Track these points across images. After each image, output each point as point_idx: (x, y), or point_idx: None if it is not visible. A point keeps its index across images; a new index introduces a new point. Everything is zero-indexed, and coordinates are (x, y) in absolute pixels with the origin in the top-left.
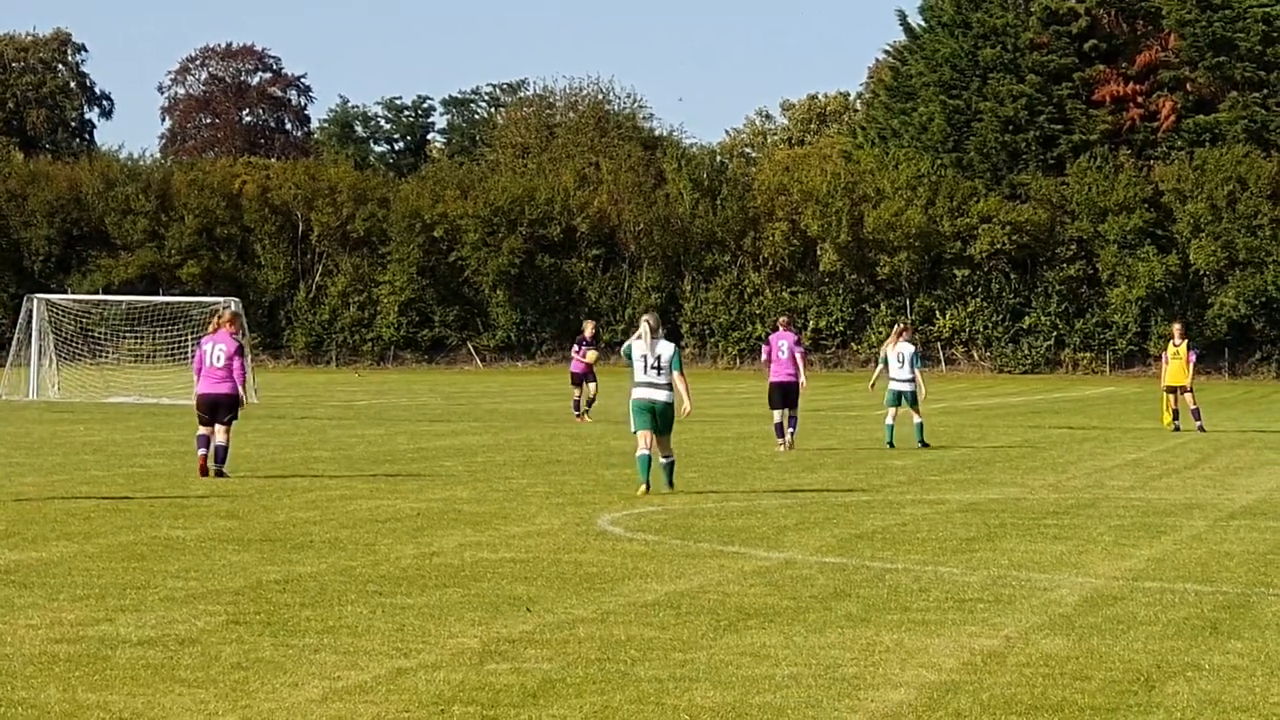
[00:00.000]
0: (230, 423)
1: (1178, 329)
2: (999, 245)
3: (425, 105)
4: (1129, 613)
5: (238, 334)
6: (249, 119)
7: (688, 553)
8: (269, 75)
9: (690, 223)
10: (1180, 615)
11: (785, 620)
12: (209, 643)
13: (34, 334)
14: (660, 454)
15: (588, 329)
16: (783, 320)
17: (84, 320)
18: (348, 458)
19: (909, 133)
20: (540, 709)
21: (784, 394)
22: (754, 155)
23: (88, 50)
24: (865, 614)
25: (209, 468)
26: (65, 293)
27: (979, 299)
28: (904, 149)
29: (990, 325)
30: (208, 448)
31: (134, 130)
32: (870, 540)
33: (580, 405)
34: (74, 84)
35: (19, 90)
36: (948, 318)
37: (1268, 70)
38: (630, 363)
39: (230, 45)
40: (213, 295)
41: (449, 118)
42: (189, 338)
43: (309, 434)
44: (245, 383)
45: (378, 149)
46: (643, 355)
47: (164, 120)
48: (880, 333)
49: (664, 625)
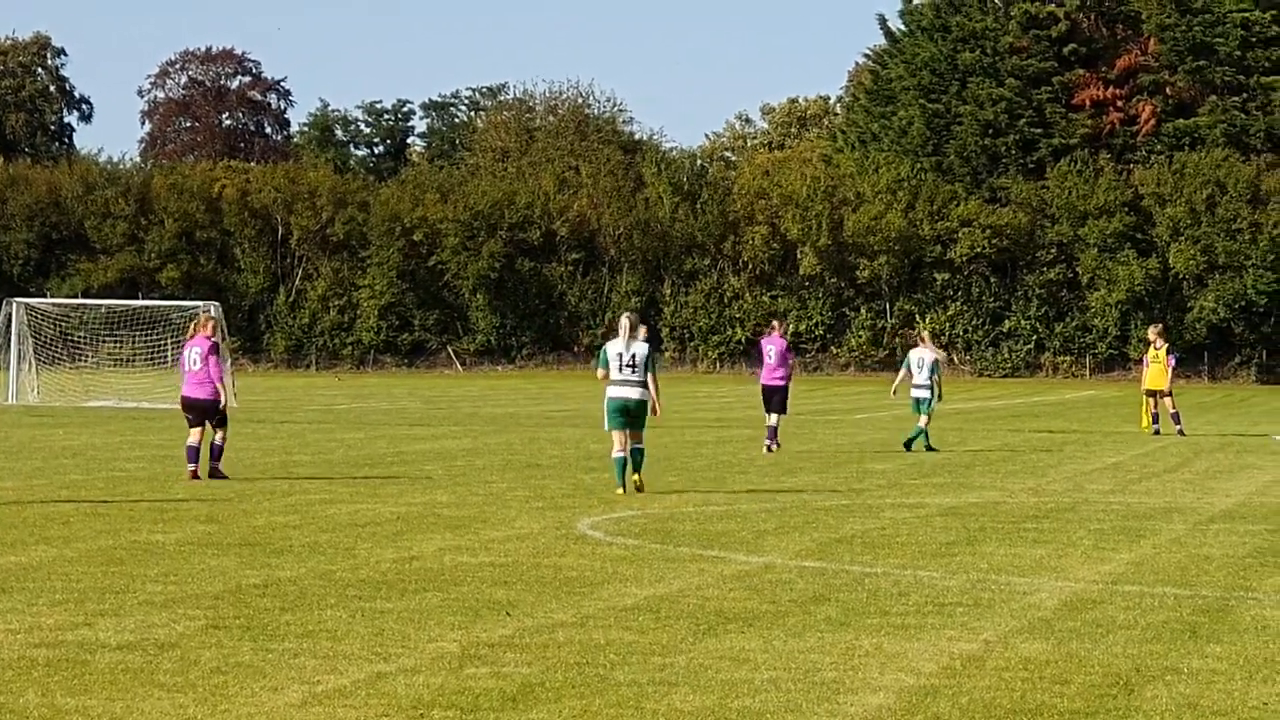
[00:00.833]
0: (221, 424)
1: (1156, 332)
2: (979, 249)
3: (405, 109)
4: (1108, 616)
5: (213, 335)
6: (229, 123)
7: (667, 557)
8: (248, 79)
9: (670, 226)
10: (1159, 619)
11: (765, 624)
12: (188, 647)
13: (13, 338)
14: (630, 442)
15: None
16: (774, 324)
17: (63, 324)
18: (327, 462)
19: (889, 136)
20: (520, 713)
21: (771, 397)
22: (734, 159)
23: (67, 54)
24: (844, 618)
25: (199, 476)
26: (44, 296)
27: (959, 303)
28: (884, 153)
29: (970, 329)
30: (196, 461)
31: (113, 134)
32: (850, 544)
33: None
34: (53, 88)
35: None
36: (928, 321)
37: (1247, 75)
38: (604, 367)
39: (210, 49)
40: (192, 299)
41: (429, 121)
42: (169, 342)
43: (288, 438)
44: (223, 381)
45: (357, 153)
46: (618, 354)
47: (143, 124)
48: (860, 336)
49: (643, 629)
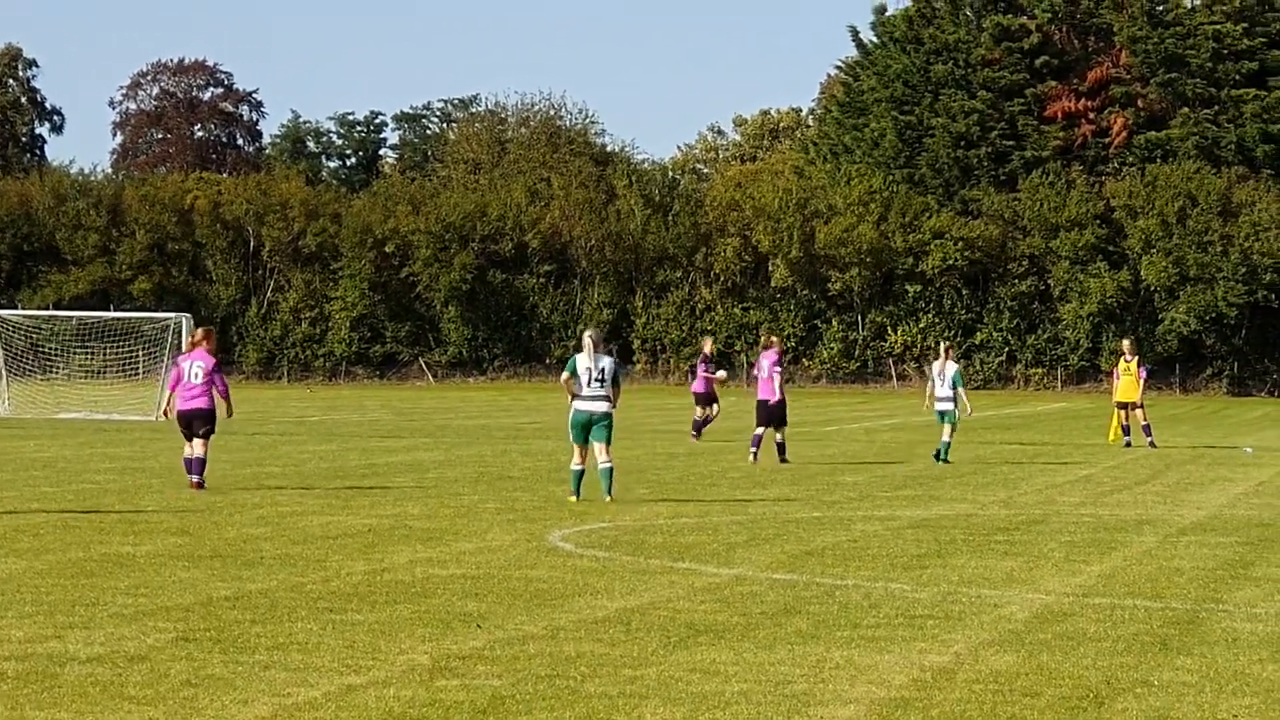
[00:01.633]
0: (207, 436)
1: (1128, 345)
2: (951, 261)
3: (377, 121)
4: (1079, 629)
5: (214, 350)
6: (200, 134)
7: (638, 569)
8: (220, 90)
9: (642, 239)
10: (1130, 631)
11: (735, 637)
12: (158, 660)
13: None
14: (599, 460)
15: (707, 345)
16: (773, 339)
17: (34, 336)
18: (299, 473)
19: (861, 148)
20: None
21: (766, 412)
22: (706, 171)
23: (39, 65)
24: (815, 630)
25: (204, 486)
26: (16, 308)
27: (931, 315)
28: (856, 165)
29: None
30: (200, 472)
31: (85, 145)
32: (820, 557)
33: (700, 424)
34: (25, 99)
35: None
36: (899, 333)
37: (1218, 87)
38: (574, 378)
39: (182, 60)
40: (164, 311)
41: (401, 133)
42: (140, 353)
43: (260, 450)
44: (228, 397)
45: (330, 164)
46: (587, 368)
47: (115, 135)
48: (832, 348)
49: (614, 641)
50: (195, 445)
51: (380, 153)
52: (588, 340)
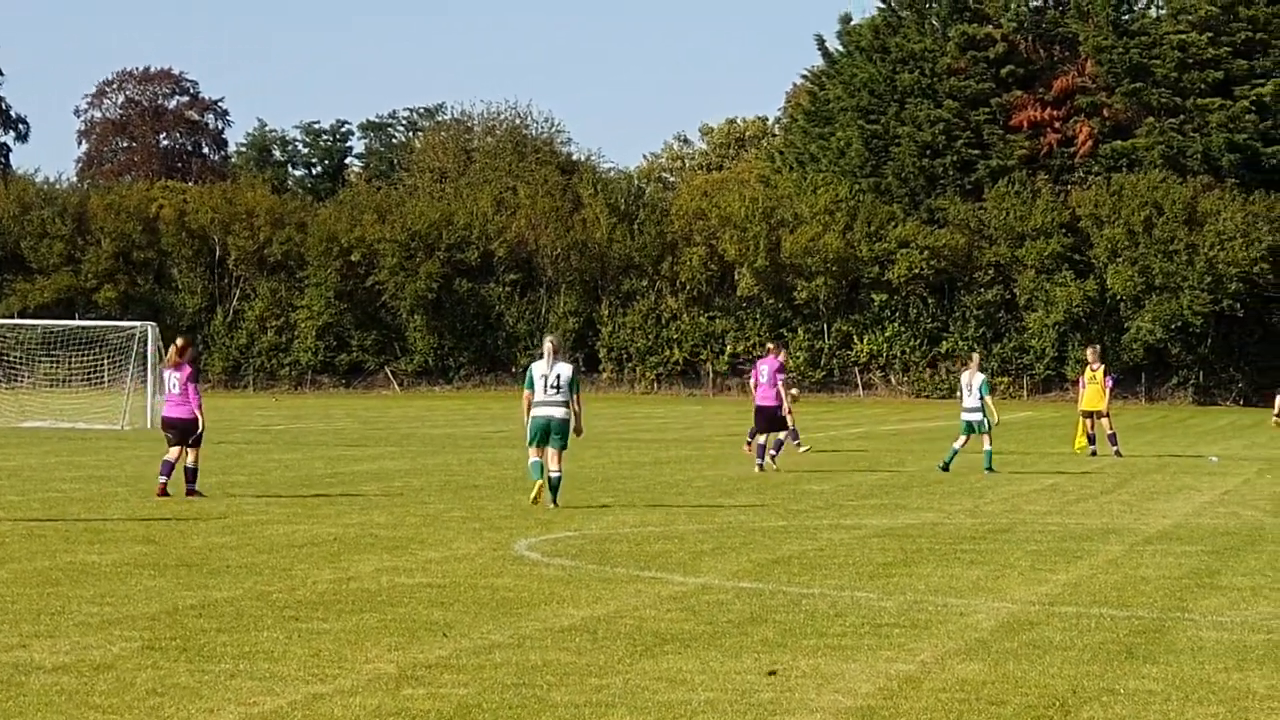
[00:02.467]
0: (195, 445)
1: (1093, 353)
2: (916, 270)
3: (343, 130)
4: (1045, 638)
5: (189, 361)
6: (166, 143)
7: (604, 578)
8: (186, 99)
9: (607, 247)
10: (1096, 640)
11: (701, 645)
12: (124, 669)
13: None
14: (549, 469)
15: (781, 355)
16: (770, 346)
17: None
18: (264, 482)
19: (827, 157)
20: None
21: (764, 418)
22: (672, 180)
23: (3, 74)
24: (781, 639)
25: (168, 492)
26: None
27: (896, 323)
28: (822, 174)
29: (908, 350)
30: (169, 475)
31: (50, 154)
32: (787, 565)
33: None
34: None
35: None
36: (865, 342)
37: (1183, 96)
38: (529, 388)
39: (147, 69)
40: (129, 319)
41: (367, 142)
42: (105, 362)
43: (226, 459)
44: (201, 407)
45: (295, 173)
46: (543, 375)
47: (80, 144)
48: (798, 357)
49: (580, 650)
50: (187, 455)
51: (346, 161)
52: (547, 346)
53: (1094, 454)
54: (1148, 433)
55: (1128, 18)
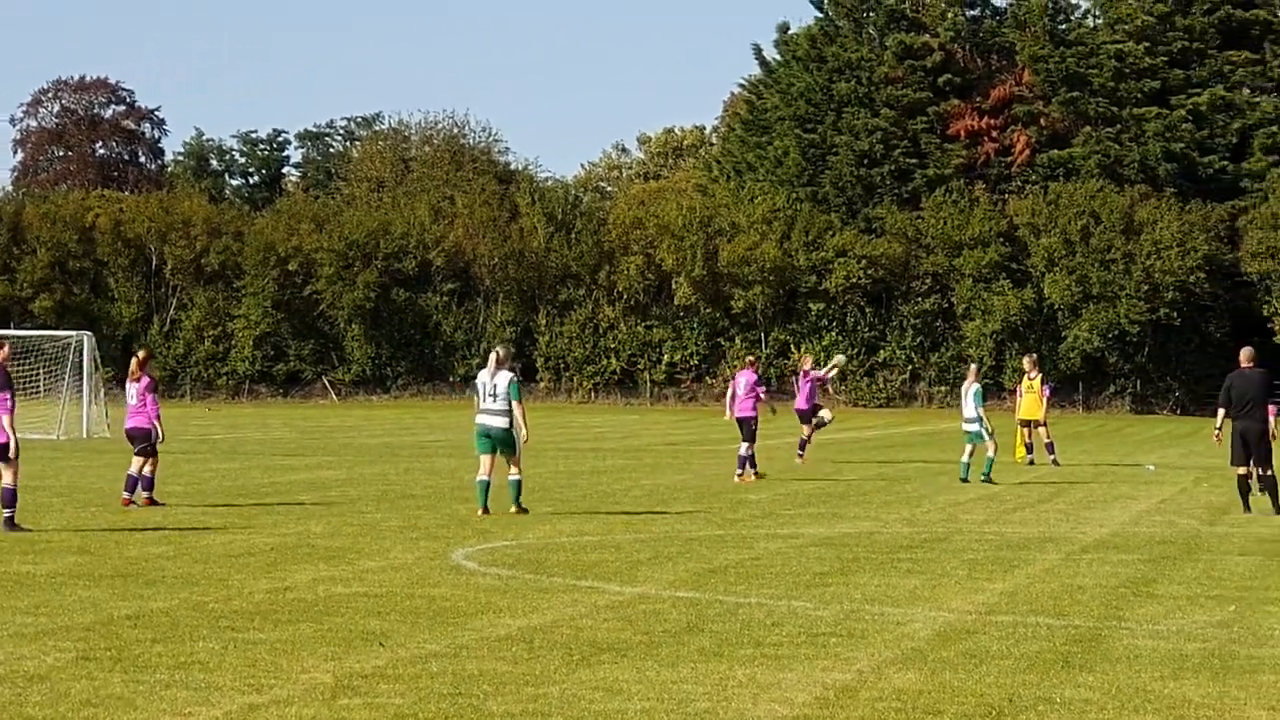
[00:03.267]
0: (147, 454)
1: (1030, 362)
2: (854, 279)
3: (280, 139)
4: (981, 646)
5: (148, 372)
6: (102, 152)
7: (541, 587)
8: (122, 108)
9: (545, 257)
10: (1032, 649)
11: (638, 655)
12: (58, 680)
13: None
14: (508, 473)
15: (807, 362)
16: (749, 359)
17: None
18: (201, 492)
19: (764, 166)
20: None
21: (748, 430)
22: (610, 189)
23: None
24: (718, 648)
25: (133, 502)
26: None
27: (834, 333)
28: (759, 183)
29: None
30: (132, 490)
31: None
32: (723, 575)
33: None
34: None
35: None
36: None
37: (1120, 106)
38: (476, 395)
39: (84, 78)
40: (65, 329)
41: (304, 151)
42: (41, 372)
43: (162, 468)
44: (159, 417)
45: (233, 182)
46: (483, 383)
47: (16, 153)
48: (734, 365)
49: (516, 660)
50: (141, 464)
51: (283, 171)
52: (492, 355)
53: (1031, 463)
54: (1085, 441)
55: (1064, 27)
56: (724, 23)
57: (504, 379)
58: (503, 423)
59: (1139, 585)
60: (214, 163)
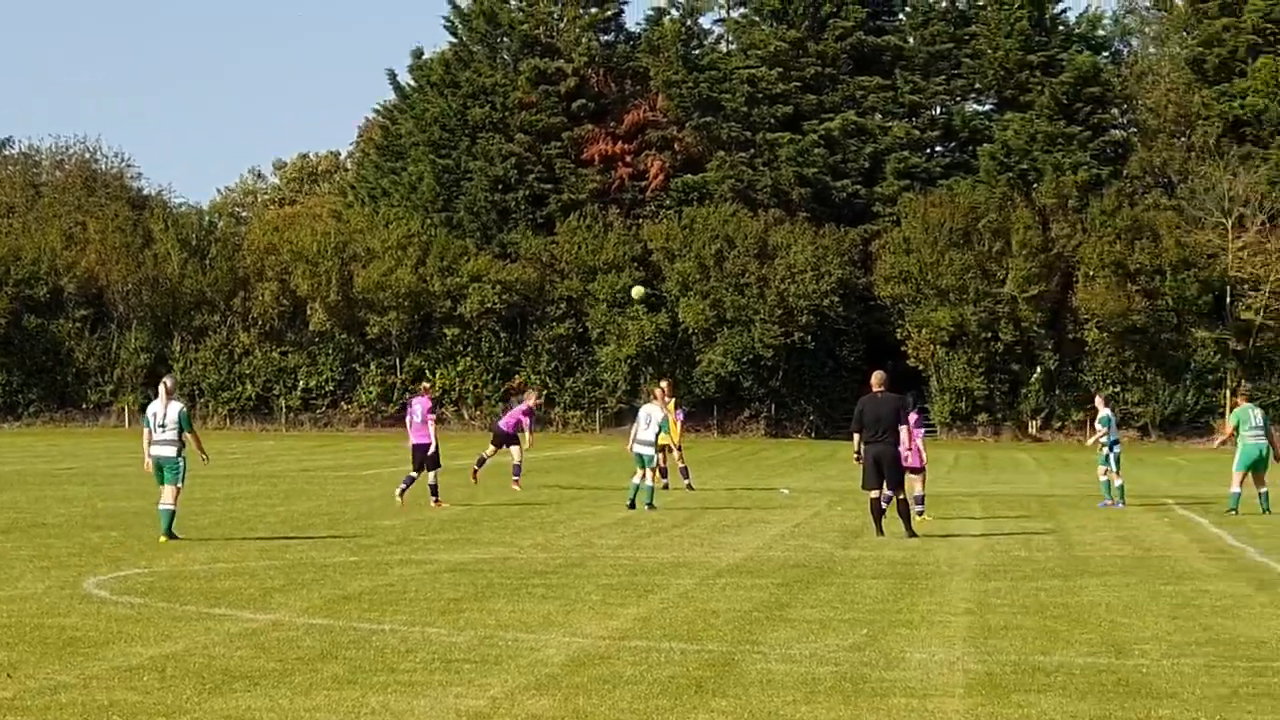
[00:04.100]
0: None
1: (665, 387)
2: (489, 304)
3: None
4: (615, 672)
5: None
6: None
7: (174, 615)
8: None
9: (179, 283)
10: (666, 674)
11: (271, 683)
12: None
13: None
14: (164, 502)
15: (531, 399)
16: (424, 386)
17: None
18: None
19: (399, 192)
20: None
21: (419, 456)
22: (245, 214)
23: None
24: (351, 676)
25: None
26: None
27: (469, 358)
28: (394, 208)
29: (480, 384)
30: None
31: None
32: (358, 601)
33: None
34: None
35: None
36: (438, 377)
37: (753, 130)
38: (147, 426)
39: None
40: None
41: None
42: None
43: None
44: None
45: None
46: (154, 413)
47: None
48: (371, 392)
49: (149, 689)
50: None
51: None
52: (161, 387)
53: (666, 487)
54: (720, 465)
55: (698, 53)
56: (359, 49)
57: (174, 410)
58: (172, 451)
59: (773, 609)
60: None
